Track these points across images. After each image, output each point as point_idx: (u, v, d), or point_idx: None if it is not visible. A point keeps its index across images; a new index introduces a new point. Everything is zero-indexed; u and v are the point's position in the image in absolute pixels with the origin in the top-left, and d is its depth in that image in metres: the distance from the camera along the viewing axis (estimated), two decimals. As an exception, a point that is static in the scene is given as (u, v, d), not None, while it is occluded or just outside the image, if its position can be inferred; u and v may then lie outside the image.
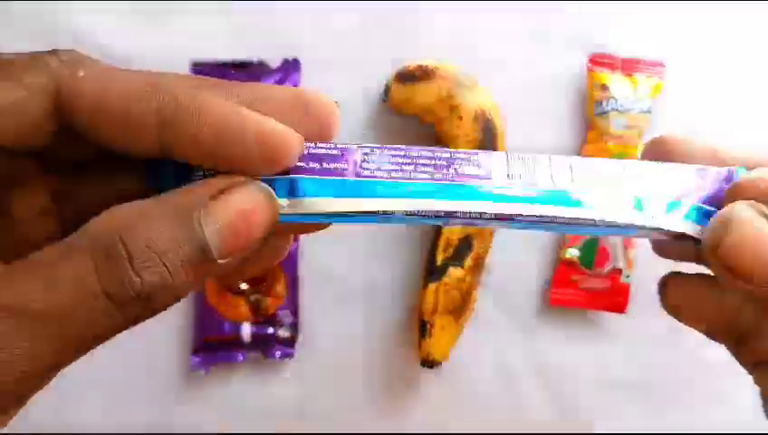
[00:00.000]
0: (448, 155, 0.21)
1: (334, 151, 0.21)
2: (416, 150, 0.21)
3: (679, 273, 0.24)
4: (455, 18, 0.48)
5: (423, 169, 0.21)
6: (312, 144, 0.20)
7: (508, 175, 0.21)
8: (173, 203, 0.17)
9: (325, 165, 0.20)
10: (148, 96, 0.17)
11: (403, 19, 0.48)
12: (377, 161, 0.21)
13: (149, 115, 0.17)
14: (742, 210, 0.19)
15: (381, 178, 0.21)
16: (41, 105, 0.17)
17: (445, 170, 0.21)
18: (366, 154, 0.21)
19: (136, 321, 0.17)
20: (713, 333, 0.23)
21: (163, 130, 0.17)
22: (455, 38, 0.48)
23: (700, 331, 0.23)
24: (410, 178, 0.21)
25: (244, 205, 0.17)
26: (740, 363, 0.23)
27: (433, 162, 0.21)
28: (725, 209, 0.20)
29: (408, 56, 0.47)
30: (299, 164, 0.20)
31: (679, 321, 0.23)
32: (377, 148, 0.21)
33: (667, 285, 0.23)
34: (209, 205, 0.17)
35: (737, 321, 0.22)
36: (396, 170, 0.21)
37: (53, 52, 0.18)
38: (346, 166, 0.20)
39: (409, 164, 0.21)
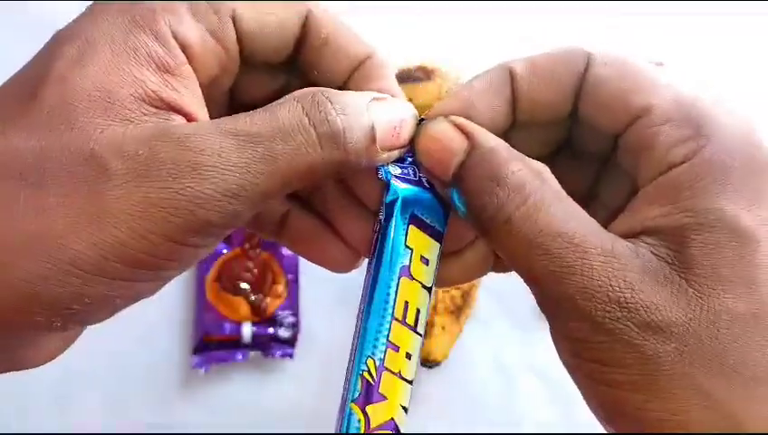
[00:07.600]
0: None
1: None
2: None
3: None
4: (455, 19, 0.48)
5: None
6: None
7: None
8: (353, 92, 0.21)
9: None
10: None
11: (403, 19, 0.48)
12: None
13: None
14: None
15: None
16: (295, 25, 0.21)
17: None
18: None
19: (327, 168, 0.19)
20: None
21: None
22: (454, 38, 0.48)
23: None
24: None
25: (399, 113, 0.21)
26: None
27: None
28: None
29: (408, 56, 0.47)
30: None
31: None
32: None
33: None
34: (374, 101, 0.20)
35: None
36: None
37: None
38: None
39: None
